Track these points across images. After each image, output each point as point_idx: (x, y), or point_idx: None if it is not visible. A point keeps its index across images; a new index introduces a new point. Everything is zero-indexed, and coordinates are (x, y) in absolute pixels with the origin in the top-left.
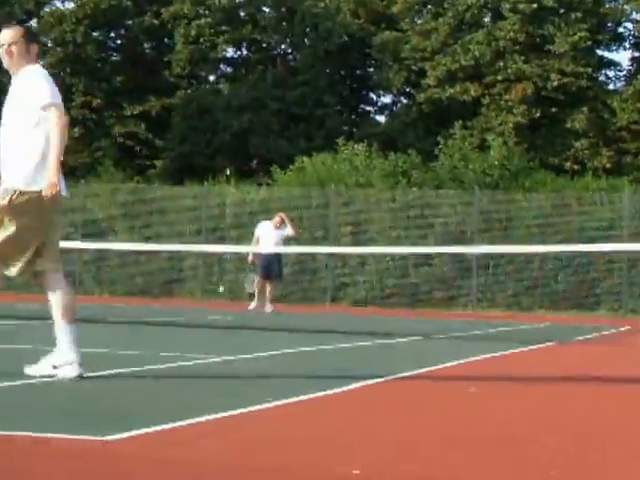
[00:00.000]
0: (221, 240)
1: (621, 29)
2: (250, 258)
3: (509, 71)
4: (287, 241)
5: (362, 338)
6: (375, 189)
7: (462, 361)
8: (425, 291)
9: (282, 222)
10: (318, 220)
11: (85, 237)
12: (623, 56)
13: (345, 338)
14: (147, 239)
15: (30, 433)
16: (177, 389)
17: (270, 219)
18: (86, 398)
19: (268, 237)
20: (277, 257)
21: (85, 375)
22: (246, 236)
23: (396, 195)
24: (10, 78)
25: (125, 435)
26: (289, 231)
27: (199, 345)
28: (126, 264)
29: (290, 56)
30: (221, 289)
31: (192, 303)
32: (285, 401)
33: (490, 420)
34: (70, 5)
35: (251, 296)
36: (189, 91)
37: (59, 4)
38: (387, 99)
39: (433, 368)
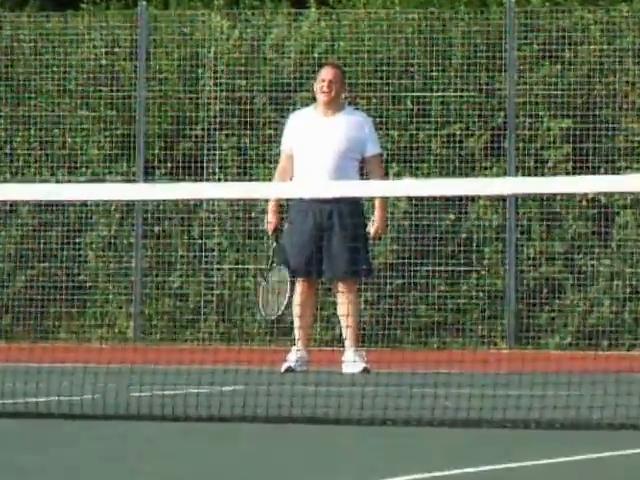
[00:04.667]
0: (201, 173)
1: None
2: (270, 220)
3: None
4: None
5: None
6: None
7: None
8: None
9: (341, 83)
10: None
11: None
12: None
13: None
14: None
15: None
16: None
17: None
18: None
19: (316, 153)
20: (347, 212)
21: None
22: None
23: None
24: None
25: None
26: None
27: None
28: None
29: None
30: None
31: (118, 352)
32: None
33: None
34: None
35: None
36: None
37: None
38: None
39: None
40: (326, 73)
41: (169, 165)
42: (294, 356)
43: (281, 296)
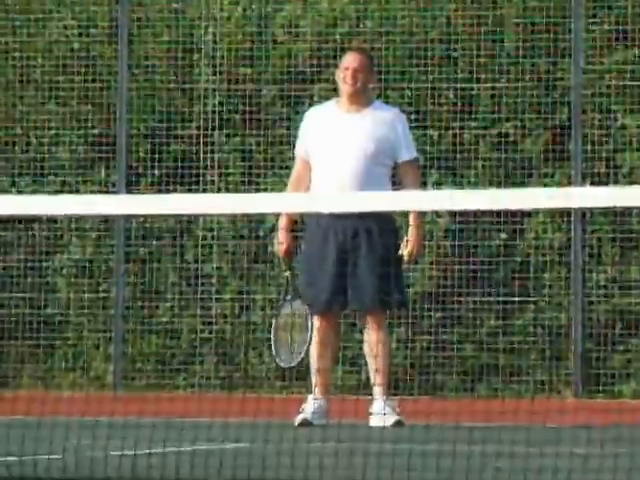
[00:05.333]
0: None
1: None
2: (281, 240)
3: None
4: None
5: None
6: None
7: None
8: None
9: (368, 72)
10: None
11: None
12: None
13: None
14: None
15: None
16: None
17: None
18: None
19: (337, 157)
20: (376, 230)
21: None
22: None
23: None
24: None
25: None
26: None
27: None
28: None
29: None
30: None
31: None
32: None
33: None
34: None
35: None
36: None
37: None
38: None
39: None
40: (350, 60)
41: (157, 172)
42: (311, 406)
43: (298, 337)
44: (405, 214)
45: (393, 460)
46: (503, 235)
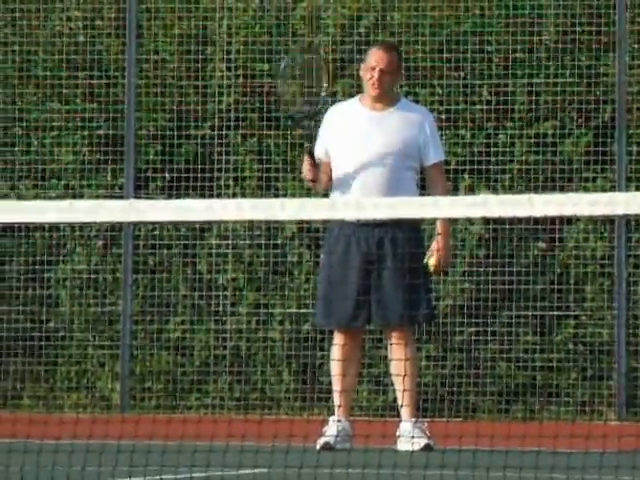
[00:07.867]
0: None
1: None
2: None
3: None
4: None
5: None
6: None
7: None
8: None
9: (397, 72)
10: None
11: None
12: None
13: None
14: None
15: None
16: None
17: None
18: None
19: (361, 159)
20: (403, 239)
21: None
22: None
23: None
24: None
25: None
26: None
27: None
28: None
29: None
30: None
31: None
32: None
33: None
34: None
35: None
36: None
37: None
38: None
39: None
40: (377, 59)
41: (167, 176)
42: (333, 429)
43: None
44: (433, 222)
45: None
46: (541, 244)
